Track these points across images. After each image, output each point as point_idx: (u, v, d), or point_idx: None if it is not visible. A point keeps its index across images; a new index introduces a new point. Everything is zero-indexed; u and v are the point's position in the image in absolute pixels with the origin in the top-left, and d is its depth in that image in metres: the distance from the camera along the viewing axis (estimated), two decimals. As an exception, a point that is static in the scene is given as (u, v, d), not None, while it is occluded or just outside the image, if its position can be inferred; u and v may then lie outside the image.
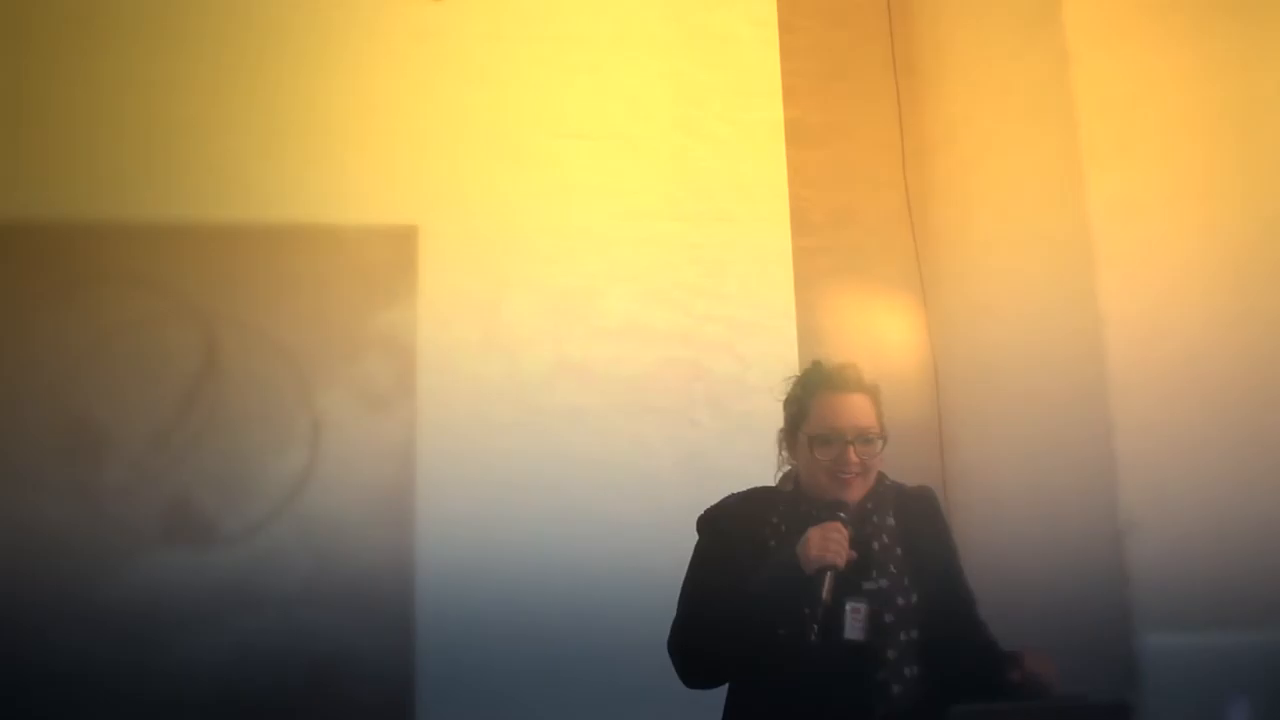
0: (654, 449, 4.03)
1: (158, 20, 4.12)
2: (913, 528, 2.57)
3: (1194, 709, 1.91)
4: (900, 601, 2.47)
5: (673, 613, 2.61)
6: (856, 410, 2.52)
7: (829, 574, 2.37)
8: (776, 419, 3.83)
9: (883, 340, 4.32)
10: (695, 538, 2.61)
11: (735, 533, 2.54)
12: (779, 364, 3.90)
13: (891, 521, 2.55)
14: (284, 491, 3.89)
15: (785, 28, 4.39)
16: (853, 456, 2.48)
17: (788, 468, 2.62)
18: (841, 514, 2.44)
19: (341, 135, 4.13)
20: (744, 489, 2.66)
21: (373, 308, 4.05)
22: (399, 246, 4.08)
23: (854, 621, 2.40)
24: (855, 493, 2.50)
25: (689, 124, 4.29)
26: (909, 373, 4.30)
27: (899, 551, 2.53)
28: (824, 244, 4.29)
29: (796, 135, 4.32)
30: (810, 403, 2.54)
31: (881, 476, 2.59)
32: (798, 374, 2.65)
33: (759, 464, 2.60)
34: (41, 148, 4.02)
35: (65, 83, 4.07)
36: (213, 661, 3.72)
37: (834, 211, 4.37)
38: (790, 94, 4.34)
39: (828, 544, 2.39)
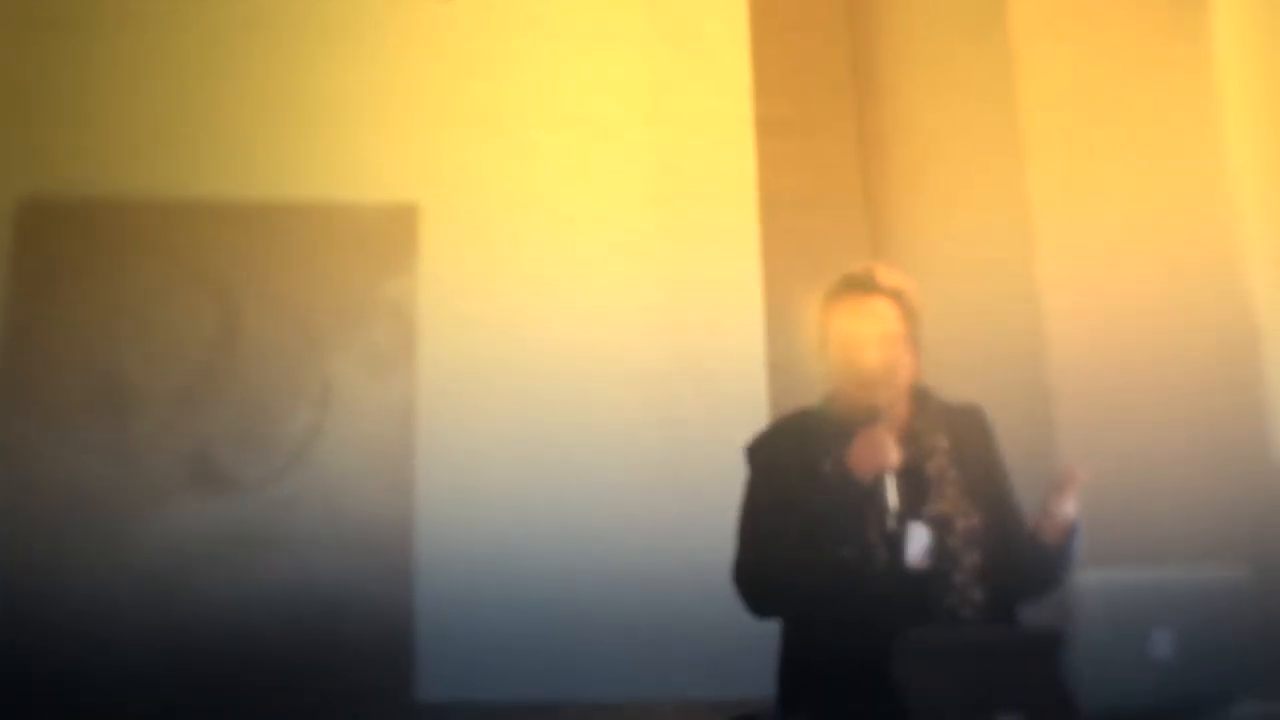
0: (631, 410, 4.09)
1: (180, 12, 4.28)
2: (965, 448, 2.40)
3: (1116, 636, 1.93)
4: (961, 524, 2.32)
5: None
6: (869, 312, 2.36)
7: (888, 477, 2.25)
8: (746, 382, 4.08)
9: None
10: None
11: (785, 457, 2.38)
12: (749, 333, 4.10)
13: (944, 443, 2.38)
14: (296, 445, 4.04)
15: (755, 29, 4.49)
16: (866, 360, 2.32)
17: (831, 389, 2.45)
18: (876, 417, 2.29)
19: (349, 121, 4.25)
20: (787, 415, 2.55)
21: (377, 279, 4.18)
22: (401, 223, 4.21)
23: (916, 547, 2.27)
24: (881, 397, 2.32)
25: (667, 115, 4.39)
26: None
27: (954, 473, 2.36)
28: (789, 225, 4.32)
29: (765, 127, 4.41)
30: (826, 311, 2.39)
31: (927, 396, 2.43)
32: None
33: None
34: (75, 132, 4.15)
35: (94, 71, 4.20)
36: (230, 598, 3.85)
37: (798, 196, 4.41)
38: (759, 89, 4.44)
39: (874, 447, 2.24)
